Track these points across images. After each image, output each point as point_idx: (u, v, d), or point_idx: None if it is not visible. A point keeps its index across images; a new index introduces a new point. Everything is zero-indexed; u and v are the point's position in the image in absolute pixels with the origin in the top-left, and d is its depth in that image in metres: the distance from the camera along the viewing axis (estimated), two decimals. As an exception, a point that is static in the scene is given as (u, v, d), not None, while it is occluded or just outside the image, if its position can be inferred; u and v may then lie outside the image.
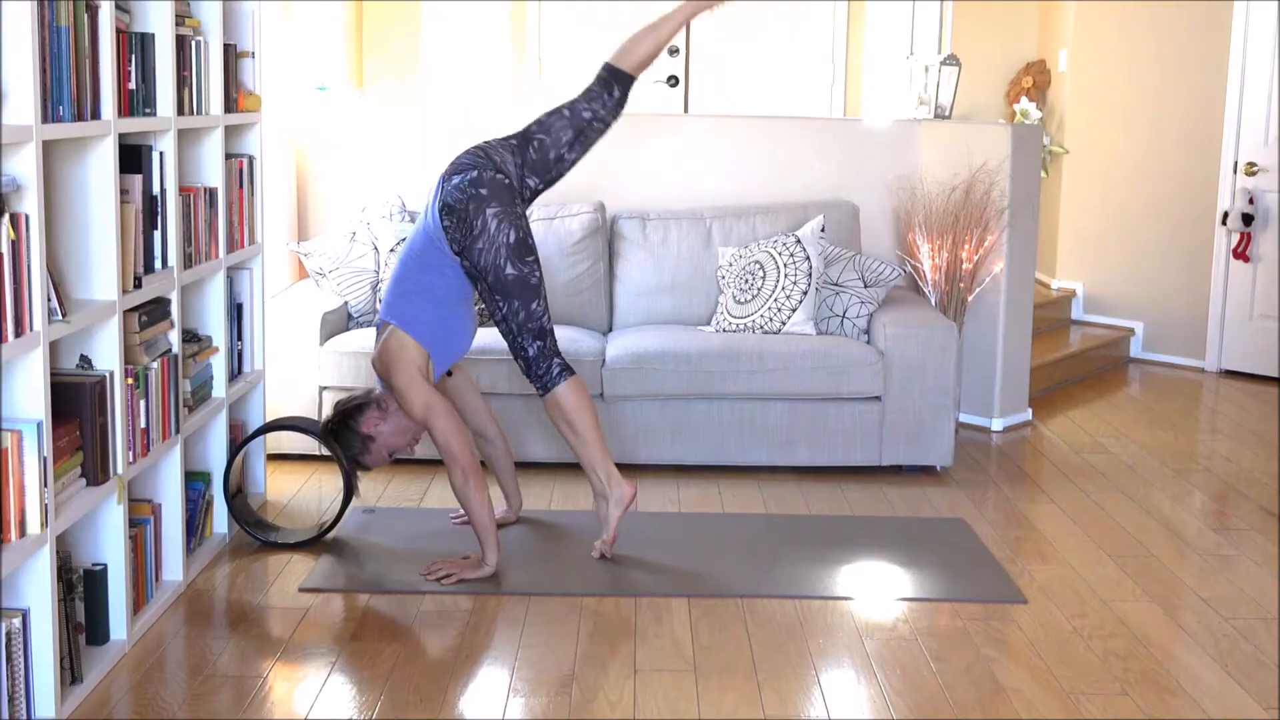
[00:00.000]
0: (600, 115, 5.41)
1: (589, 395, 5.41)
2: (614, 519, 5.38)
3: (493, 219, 5.15)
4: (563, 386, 5.28)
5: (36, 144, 3.80)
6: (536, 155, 5.36)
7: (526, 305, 5.21)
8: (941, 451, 6.64)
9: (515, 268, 5.17)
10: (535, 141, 5.38)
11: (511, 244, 5.16)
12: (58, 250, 4.31)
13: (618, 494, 5.36)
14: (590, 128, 5.40)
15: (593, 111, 5.39)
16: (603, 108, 5.41)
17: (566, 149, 5.38)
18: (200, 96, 5.16)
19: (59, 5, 3.93)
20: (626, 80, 5.44)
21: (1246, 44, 8.95)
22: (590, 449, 5.36)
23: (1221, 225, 9.13)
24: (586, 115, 5.39)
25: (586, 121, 5.39)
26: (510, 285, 5.18)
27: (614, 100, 5.42)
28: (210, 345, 5.42)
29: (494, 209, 5.16)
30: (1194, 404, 8.44)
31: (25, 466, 3.80)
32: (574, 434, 5.36)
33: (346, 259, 6.87)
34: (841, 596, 5.15)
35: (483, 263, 5.17)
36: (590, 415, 5.36)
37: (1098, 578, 5.39)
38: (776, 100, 10.01)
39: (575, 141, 5.39)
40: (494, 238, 5.14)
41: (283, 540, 5.58)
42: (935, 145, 7.65)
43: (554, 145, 5.37)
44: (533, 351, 5.25)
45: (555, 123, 5.39)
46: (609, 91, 5.41)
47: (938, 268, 7.43)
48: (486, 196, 5.17)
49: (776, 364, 6.50)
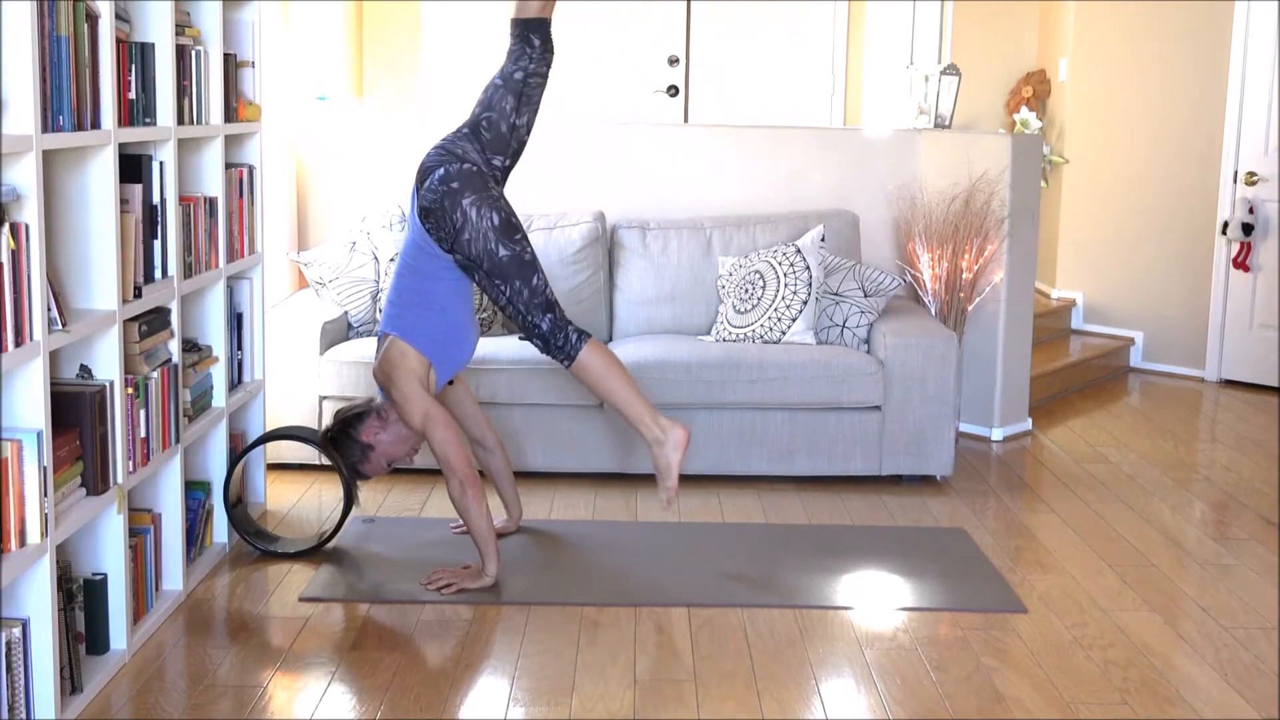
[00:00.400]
0: (531, 69, 5.33)
1: (611, 351, 5.38)
2: (675, 463, 5.30)
3: (471, 208, 5.13)
4: (585, 351, 5.24)
5: (36, 153, 3.80)
6: (490, 134, 5.33)
7: (528, 282, 5.19)
8: (941, 461, 6.64)
9: (506, 248, 5.15)
10: (484, 122, 5.34)
11: (497, 226, 5.14)
12: (58, 260, 4.31)
13: (673, 438, 5.28)
14: (528, 85, 5.33)
15: (522, 69, 5.33)
16: (530, 61, 5.33)
17: (514, 115, 5.33)
18: (200, 106, 5.16)
19: (59, 15, 3.93)
20: (538, 25, 5.32)
21: (1246, 53, 8.96)
22: (630, 403, 5.31)
23: (1221, 235, 9.14)
24: (519, 76, 5.33)
25: (521, 81, 5.33)
26: (506, 266, 5.16)
27: (537, 49, 5.33)
28: (210, 355, 5.42)
29: (469, 198, 5.14)
30: (1194, 413, 8.44)
31: (25, 476, 3.80)
32: (610, 393, 5.31)
33: (346, 269, 6.88)
34: (841, 606, 5.14)
35: (474, 252, 5.15)
36: (619, 369, 5.32)
37: (1098, 587, 5.39)
38: (776, 110, 10.01)
39: (520, 105, 5.33)
40: (478, 225, 5.12)
41: (283, 550, 5.58)
42: (935, 155, 7.66)
43: (502, 117, 5.32)
44: (546, 326, 5.22)
45: (494, 96, 5.35)
46: (528, 44, 5.33)
47: (938, 277, 7.43)
48: (459, 189, 5.15)
49: (776, 373, 6.51)
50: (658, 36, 9.93)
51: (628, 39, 9.93)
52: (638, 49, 9.94)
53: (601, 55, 9.95)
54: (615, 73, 9.96)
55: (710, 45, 9.98)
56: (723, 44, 9.98)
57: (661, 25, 9.91)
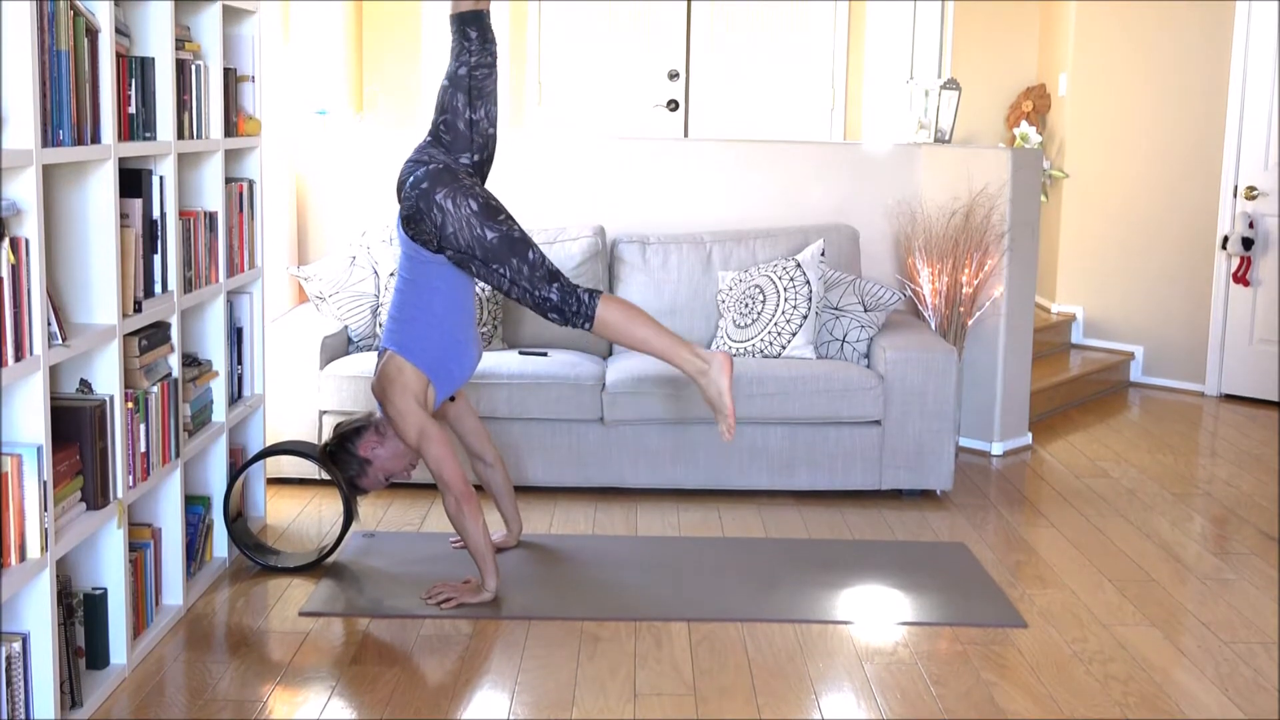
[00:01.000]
0: (474, 63, 5.28)
1: (626, 301, 5.33)
2: (725, 388, 5.18)
3: (446, 200, 5.09)
4: (601, 308, 5.14)
5: (36, 168, 3.80)
6: (450, 135, 5.29)
7: (524, 258, 5.12)
8: (941, 476, 6.64)
9: (493, 230, 5.08)
10: (442, 125, 5.30)
11: (476, 211, 5.08)
12: (58, 274, 4.31)
13: (716, 364, 5.18)
14: (474, 78, 5.28)
15: (465, 64, 5.28)
16: (471, 55, 5.28)
17: (469, 110, 5.28)
18: (200, 120, 5.17)
19: (59, 29, 3.94)
20: (473, 18, 5.27)
21: (1246, 68, 8.97)
22: (663, 344, 5.22)
23: (1221, 249, 9.15)
24: (463, 72, 5.29)
25: (466, 77, 5.28)
26: (498, 248, 5.10)
27: (476, 41, 5.27)
28: (210, 369, 5.42)
29: (442, 192, 5.10)
30: (1194, 428, 8.43)
31: (25, 491, 3.80)
32: (639, 341, 5.22)
33: (346, 283, 6.88)
34: (841, 621, 5.14)
35: (462, 243, 5.10)
36: (641, 316, 5.23)
37: (1098, 602, 5.39)
38: (776, 124, 10.03)
39: (472, 100, 5.28)
40: (458, 215, 5.08)
41: (282, 564, 5.58)
42: (935, 169, 7.66)
43: (457, 116, 5.28)
44: (555, 296, 5.13)
45: (445, 98, 5.30)
46: (465, 38, 5.28)
47: (938, 292, 7.43)
48: (429, 187, 5.12)
49: (776, 388, 6.51)
50: (658, 51, 9.95)
51: (628, 53, 9.95)
52: (638, 63, 9.96)
53: (602, 69, 9.97)
54: (615, 87, 9.99)
55: (710, 59, 10.01)
56: (722, 58, 10.00)
57: (661, 39, 9.93)
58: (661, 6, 9.91)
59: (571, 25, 9.93)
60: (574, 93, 9.98)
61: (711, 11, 9.96)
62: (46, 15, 3.86)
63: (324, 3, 8.27)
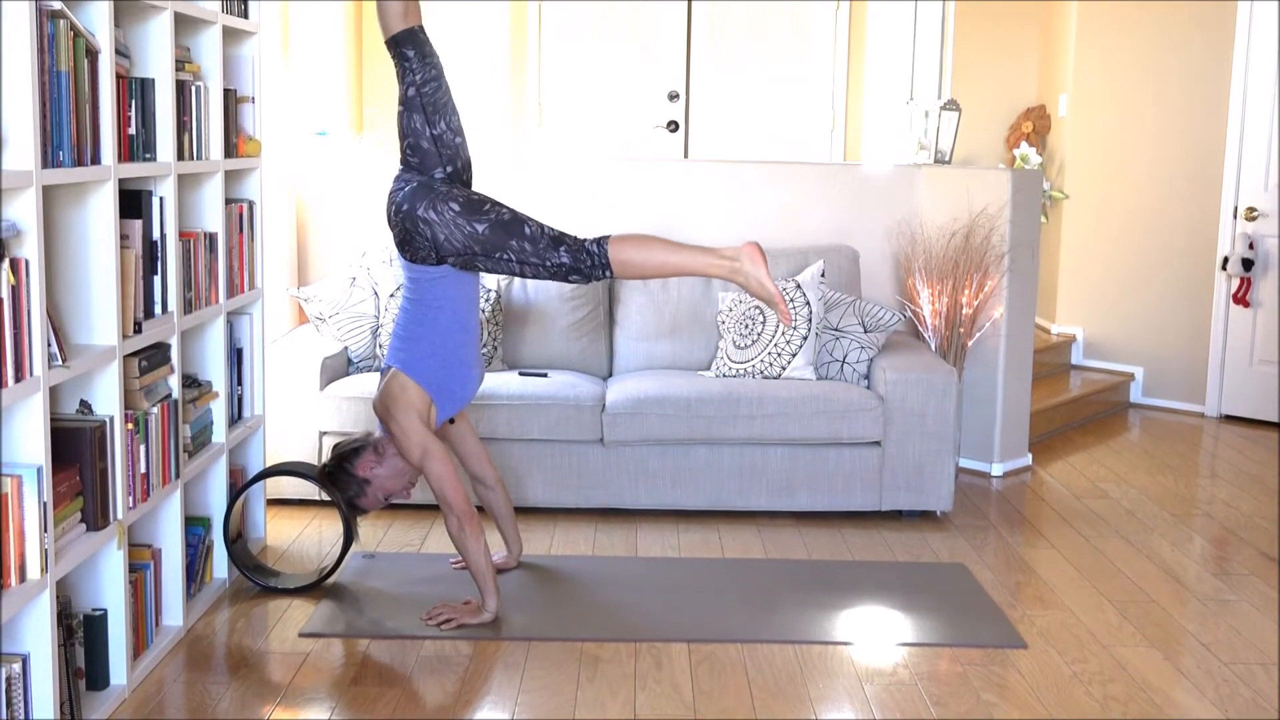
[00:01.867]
0: (419, 80, 5.23)
1: (633, 233, 5.27)
2: (763, 275, 5.07)
3: (429, 211, 5.08)
4: (612, 252, 5.09)
5: (36, 189, 3.81)
6: (418, 157, 5.26)
7: (522, 236, 5.08)
8: (941, 496, 6.64)
9: (482, 222, 5.07)
10: (408, 150, 5.28)
11: (460, 211, 5.08)
12: (58, 295, 4.32)
13: (745, 255, 5.10)
14: (423, 95, 5.25)
15: (412, 84, 5.23)
16: (414, 73, 5.24)
17: (429, 127, 5.24)
18: (200, 141, 5.18)
19: (59, 50, 3.94)
20: (406, 36, 5.25)
21: (1246, 90, 8.99)
22: (685, 260, 5.15)
23: (1221, 270, 9.16)
24: (411, 93, 5.26)
25: (416, 95, 5.24)
26: (493, 237, 5.07)
27: (416, 59, 5.23)
28: (210, 390, 5.42)
29: (422, 205, 5.10)
30: (1194, 449, 8.43)
31: (25, 511, 3.80)
32: (663, 267, 5.16)
33: (346, 304, 6.88)
34: (841, 641, 5.14)
35: (458, 244, 5.08)
36: (654, 242, 5.16)
37: (1098, 623, 5.39)
38: (777, 145, 10.05)
39: (429, 116, 5.24)
40: (444, 219, 5.07)
41: (282, 585, 5.58)
42: (935, 190, 7.67)
43: (420, 137, 5.25)
44: (568, 258, 5.09)
45: (403, 123, 5.25)
46: (404, 59, 5.23)
47: (938, 313, 7.44)
48: (410, 207, 5.12)
49: (776, 409, 6.51)
50: (658, 72, 9.96)
51: (628, 74, 9.96)
52: (638, 84, 9.97)
53: (602, 90, 9.98)
54: (615, 108, 10.00)
55: (710, 80, 10.02)
56: (723, 79, 10.01)
57: (661, 60, 9.94)
58: (661, 28, 9.93)
59: (571, 46, 9.95)
60: (574, 114, 9.99)
61: (711, 32, 9.97)
62: (46, 36, 3.87)
63: (324, 25, 8.28)
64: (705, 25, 9.98)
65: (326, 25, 8.34)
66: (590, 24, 9.91)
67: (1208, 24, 9.18)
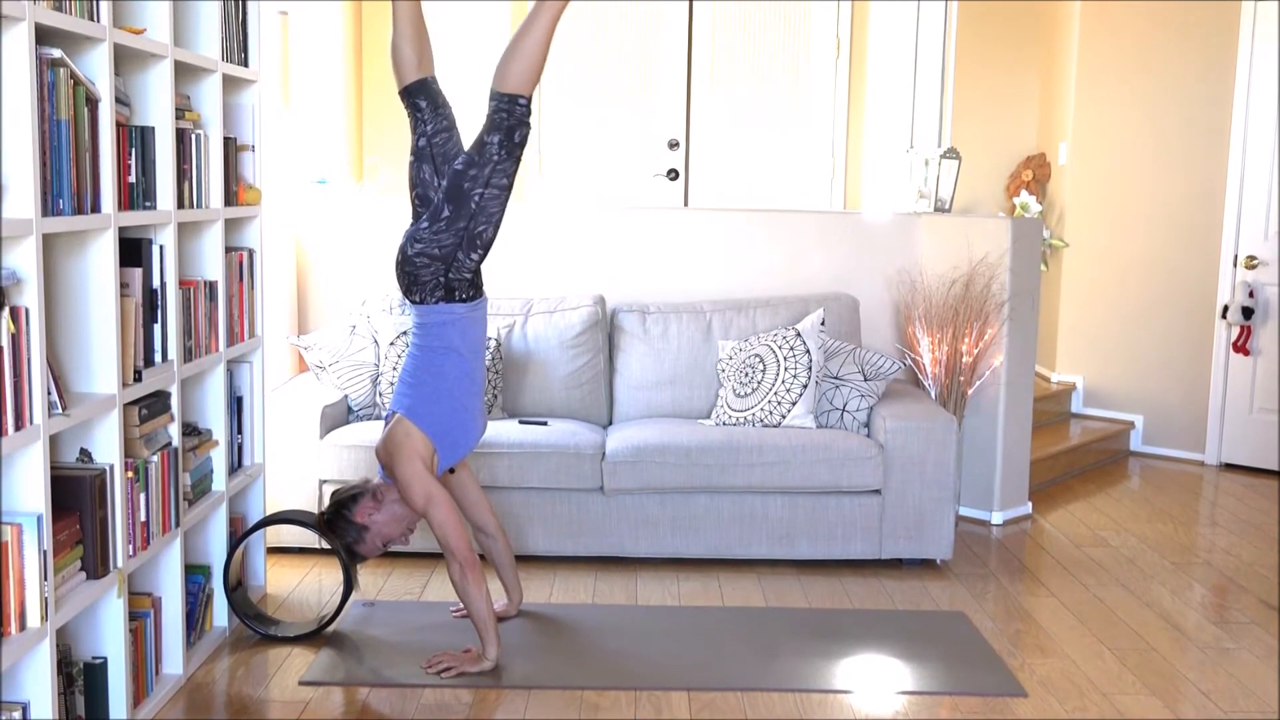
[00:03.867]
0: (430, 132, 5.30)
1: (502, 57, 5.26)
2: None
3: (425, 233, 5.15)
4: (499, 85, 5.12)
5: (36, 237, 3.82)
6: (426, 209, 5.30)
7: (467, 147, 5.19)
8: (941, 545, 6.64)
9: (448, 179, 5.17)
10: (417, 200, 5.30)
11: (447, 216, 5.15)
12: (58, 343, 4.32)
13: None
14: (434, 145, 5.30)
15: (423, 135, 5.31)
16: (426, 124, 5.27)
17: (436, 177, 5.27)
18: (200, 190, 5.19)
19: (59, 99, 3.96)
20: (418, 87, 5.34)
21: (1246, 138, 9.02)
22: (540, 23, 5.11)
23: (1221, 319, 9.17)
24: (422, 144, 5.28)
25: (426, 147, 5.29)
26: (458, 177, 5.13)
27: (428, 110, 5.31)
28: (210, 439, 5.43)
29: (410, 235, 5.17)
30: (1194, 497, 8.43)
31: (25, 560, 3.80)
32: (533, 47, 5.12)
33: (346, 352, 6.89)
34: (841, 690, 5.13)
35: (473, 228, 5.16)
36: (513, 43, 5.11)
37: (1097, 671, 5.38)
38: (776, 193, 10.07)
39: (437, 168, 5.25)
40: (437, 221, 5.14)
41: (283, 633, 5.57)
42: (935, 238, 7.69)
43: (428, 187, 5.22)
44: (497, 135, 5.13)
45: (413, 174, 5.31)
46: (416, 110, 5.31)
47: (938, 361, 7.44)
48: (404, 261, 5.18)
49: (776, 457, 6.51)
50: (658, 120, 9.99)
51: (628, 123, 9.99)
52: (638, 133, 9.99)
53: (602, 139, 10.00)
54: (615, 156, 10.02)
55: (710, 129, 10.04)
56: (723, 127, 10.04)
57: (661, 109, 9.97)
58: (662, 76, 9.96)
59: (572, 95, 9.98)
60: (574, 162, 10.01)
61: (712, 81, 10.00)
62: (47, 84, 3.89)
63: (324, 73, 8.31)
64: (705, 73, 10.01)
65: (326, 74, 8.37)
66: (590, 73, 9.94)
67: (1208, 72, 9.22)
